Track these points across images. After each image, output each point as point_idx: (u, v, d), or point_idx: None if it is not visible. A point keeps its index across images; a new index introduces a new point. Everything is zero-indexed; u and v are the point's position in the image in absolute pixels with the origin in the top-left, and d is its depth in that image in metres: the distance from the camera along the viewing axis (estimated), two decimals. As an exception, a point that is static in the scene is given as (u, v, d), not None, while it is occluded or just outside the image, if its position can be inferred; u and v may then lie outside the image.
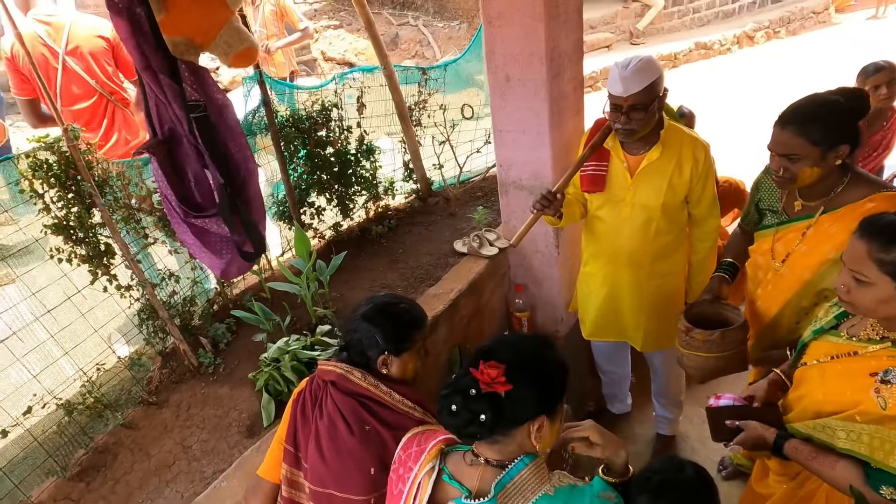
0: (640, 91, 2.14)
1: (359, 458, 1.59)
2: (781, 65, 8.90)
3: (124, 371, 2.42)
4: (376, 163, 3.46)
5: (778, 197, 2.15)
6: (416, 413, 1.63)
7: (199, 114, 1.83)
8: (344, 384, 1.64)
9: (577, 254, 2.90)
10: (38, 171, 2.06)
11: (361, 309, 1.70)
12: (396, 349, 1.65)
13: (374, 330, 1.64)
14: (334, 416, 1.62)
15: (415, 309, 1.72)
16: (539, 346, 1.32)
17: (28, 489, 2.03)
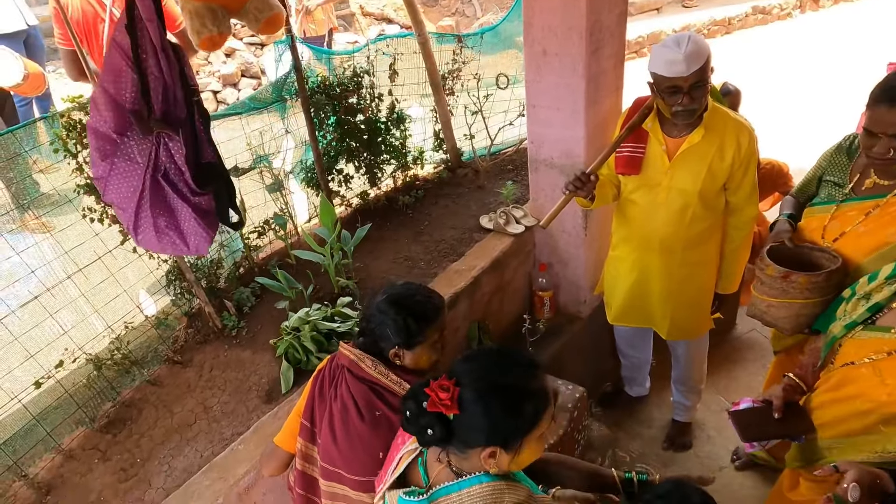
0: (700, 68, 2.06)
1: (368, 442, 1.61)
2: (849, 32, 8.30)
3: (151, 330, 2.49)
4: (406, 131, 3.42)
5: (847, 173, 2.03)
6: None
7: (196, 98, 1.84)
8: (356, 370, 1.65)
9: (606, 235, 2.85)
10: (72, 132, 2.08)
11: (377, 298, 1.68)
12: (408, 343, 1.63)
13: (386, 323, 1.62)
14: (347, 400, 1.64)
15: (430, 302, 1.67)
16: (516, 373, 1.23)
17: (59, 437, 2.13)
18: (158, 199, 2.05)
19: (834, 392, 1.75)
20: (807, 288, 1.94)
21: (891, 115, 1.73)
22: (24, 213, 2.20)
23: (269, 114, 3.09)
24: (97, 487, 2.01)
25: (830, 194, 2.08)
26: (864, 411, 1.64)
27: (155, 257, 2.46)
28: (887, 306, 1.66)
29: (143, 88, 1.89)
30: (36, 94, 3.58)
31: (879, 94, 1.76)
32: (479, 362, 1.26)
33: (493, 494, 1.22)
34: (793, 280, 1.95)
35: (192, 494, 1.94)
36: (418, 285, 1.72)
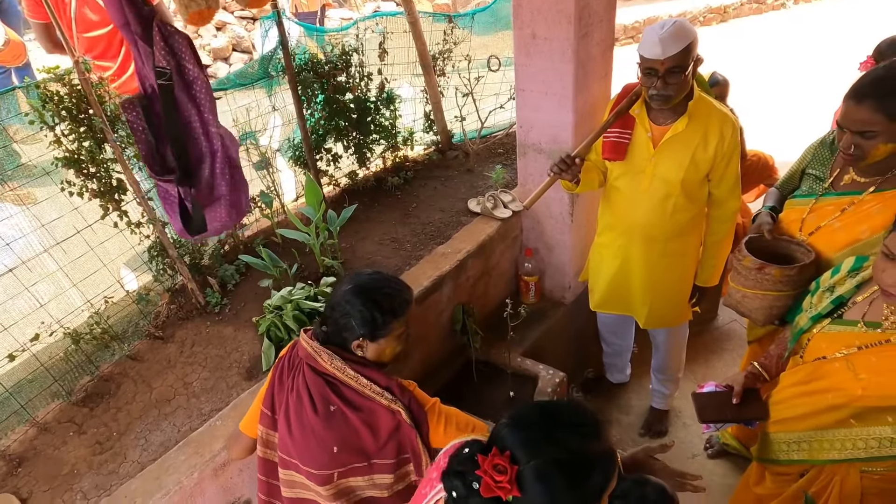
0: (677, 53, 2.04)
1: (321, 436, 1.60)
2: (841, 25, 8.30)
3: (132, 305, 2.47)
4: (396, 112, 3.39)
5: (828, 168, 2.05)
6: (384, 399, 1.60)
7: (165, 82, 1.79)
8: (313, 363, 1.62)
9: (592, 222, 2.85)
10: (49, 104, 2.05)
11: (343, 286, 1.63)
12: (372, 336, 1.60)
13: (351, 313, 1.58)
14: (302, 392, 1.62)
15: (398, 295, 1.63)
16: (579, 440, 1.04)
17: (34, 410, 2.12)
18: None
19: (804, 385, 1.76)
20: (780, 280, 1.97)
21: (856, 111, 1.74)
22: (4, 184, 2.17)
23: (256, 90, 3.05)
24: (71, 460, 2.01)
25: (811, 187, 2.08)
26: (837, 405, 1.65)
27: (136, 232, 2.43)
28: (851, 300, 1.68)
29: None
30: (16, 63, 3.52)
31: (849, 90, 1.78)
32: (533, 431, 1.06)
33: None
34: (767, 272, 1.98)
35: (168, 469, 1.94)
36: (388, 276, 1.67)
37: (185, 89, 1.90)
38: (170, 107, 1.88)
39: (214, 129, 1.98)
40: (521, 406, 1.13)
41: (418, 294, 2.58)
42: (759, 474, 2.05)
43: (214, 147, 2.00)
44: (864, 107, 1.72)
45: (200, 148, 1.99)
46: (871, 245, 1.84)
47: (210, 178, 2.03)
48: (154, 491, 1.86)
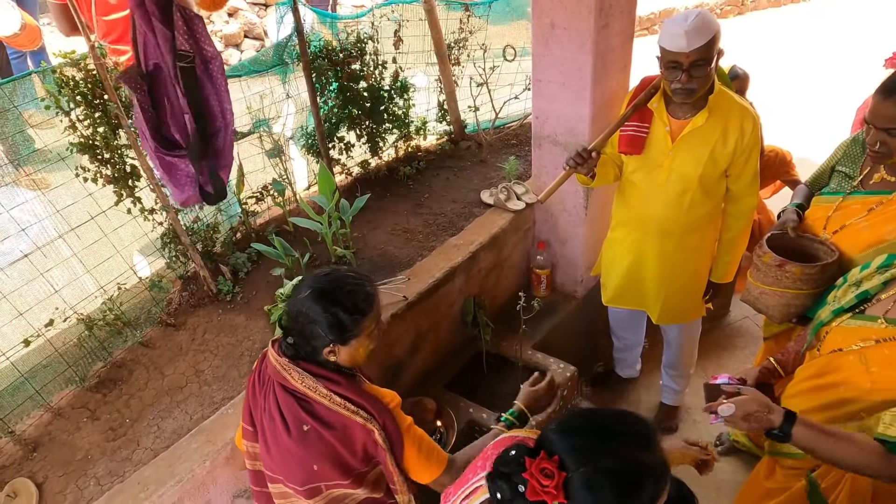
0: (702, 45, 2.00)
1: (299, 457, 1.54)
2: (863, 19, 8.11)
3: (144, 291, 2.47)
4: (410, 101, 3.36)
5: (859, 165, 2.02)
6: (358, 418, 1.51)
7: (187, 64, 1.79)
8: (283, 382, 1.54)
9: (606, 216, 2.82)
10: (64, 89, 2.04)
11: (301, 292, 1.51)
12: (343, 339, 1.50)
13: (315, 321, 1.48)
14: (274, 413, 1.55)
15: (360, 290, 1.52)
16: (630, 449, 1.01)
17: (48, 395, 2.13)
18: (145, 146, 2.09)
19: (816, 379, 1.75)
20: (799, 279, 1.95)
21: (883, 107, 1.74)
22: (19, 169, 2.17)
23: (269, 77, 3.03)
24: (84, 446, 2.02)
25: (840, 185, 2.06)
26: (848, 399, 1.64)
27: (149, 219, 2.43)
28: (876, 296, 1.66)
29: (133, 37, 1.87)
30: (32, 47, 3.50)
31: (879, 86, 1.76)
32: (583, 438, 1.03)
33: None
34: (787, 269, 1.96)
35: (180, 456, 1.95)
36: (344, 272, 1.57)
37: (204, 69, 1.93)
38: (193, 86, 1.89)
39: (228, 105, 2.01)
40: (571, 411, 1.11)
41: (430, 285, 2.57)
42: (769, 468, 2.04)
43: (227, 120, 2.04)
44: (891, 102, 1.71)
45: (216, 122, 2.02)
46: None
47: (222, 148, 2.08)
48: (167, 478, 1.87)
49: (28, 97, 2.13)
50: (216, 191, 2.12)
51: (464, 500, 1.25)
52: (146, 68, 1.91)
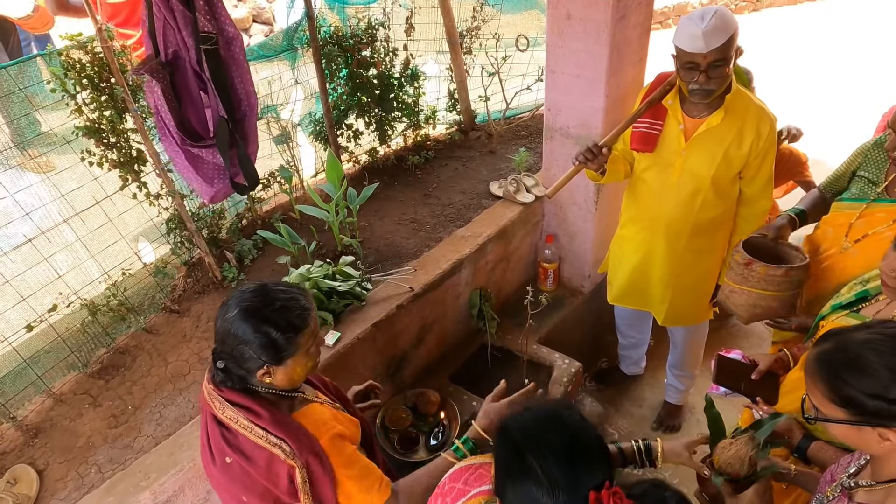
0: (721, 46, 1.95)
1: (226, 487, 1.48)
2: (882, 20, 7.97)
3: (149, 277, 2.45)
4: (420, 89, 3.32)
5: (883, 171, 1.97)
6: (280, 452, 1.40)
7: (211, 46, 1.73)
8: (210, 409, 1.45)
9: (616, 212, 2.79)
10: (71, 71, 2.01)
11: (228, 312, 1.38)
12: (277, 359, 1.38)
13: (246, 342, 1.35)
14: (203, 440, 1.49)
15: (293, 305, 1.40)
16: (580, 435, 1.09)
17: (50, 381, 2.12)
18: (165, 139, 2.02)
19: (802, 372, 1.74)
20: (764, 279, 1.97)
21: None
22: (24, 152, 2.14)
23: (278, 62, 2.99)
24: (86, 432, 2.02)
25: (863, 191, 2.01)
26: None
27: (155, 204, 2.41)
28: (875, 297, 1.65)
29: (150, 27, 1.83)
30: (45, 29, 3.47)
31: None
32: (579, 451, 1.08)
33: None
34: (753, 268, 1.99)
35: (182, 444, 1.94)
36: (272, 286, 1.43)
37: (227, 50, 1.88)
38: (219, 69, 1.84)
39: (252, 87, 1.97)
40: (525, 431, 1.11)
41: (437, 277, 2.55)
42: None
43: (252, 103, 2.00)
44: None
45: (242, 106, 1.98)
46: None
47: (250, 132, 2.05)
48: (168, 467, 1.86)
49: (34, 80, 2.09)
50: (248, 178, 2.07)
51: None
52: (165, 57, 1.87)
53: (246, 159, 2.02)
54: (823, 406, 1.18)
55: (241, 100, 1.95)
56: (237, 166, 2.01)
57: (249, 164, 2.06)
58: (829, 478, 1.37)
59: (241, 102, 1.95)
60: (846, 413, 1.14)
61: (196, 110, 1.93)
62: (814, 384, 1.19)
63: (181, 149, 1.96)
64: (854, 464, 1.31)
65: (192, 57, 1.80)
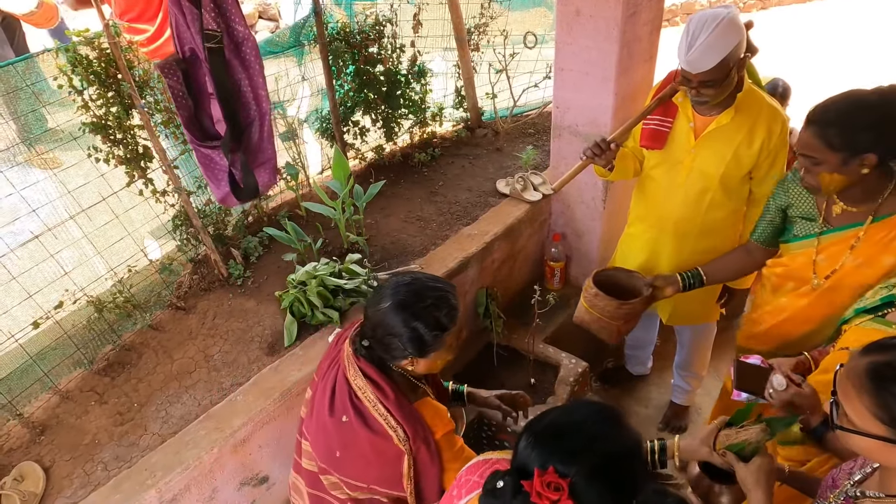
0: (710, 69, 1.93)
1: (329, 436, 1.55)
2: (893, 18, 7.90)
3: (155, 274, 2.45)
4: (427, 86, 3.30)
5: (813, 202, 1.91)
6: (396, 437, 1.48)
7: (214, 45, 1.70)
8: (344, 369, 1.56)
9: (625, 210, 2.77)
10: (78, 67, 2.00)
11: (382, 302, 1.46)
12: (422, 352, 1.47)
13: (397, 334, 1.44)
14: (328, 388, 1.56)
15: (444, 304, 1.46)
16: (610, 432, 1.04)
17: (56, 378, 2.12)
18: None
19: (823, 374, 1.73)
20: (597, 304, 2.24)
21: (804, 133, 1.73)
22: (31, 148, 2.13)
23: (285, 59, 2.97)
24: (92, 430, 2.01)
25: (805, 229, 1.94)
26: None
27: (161, 201, 2.40)
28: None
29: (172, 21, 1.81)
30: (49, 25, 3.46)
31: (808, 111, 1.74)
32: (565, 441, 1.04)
33: None
34: (588, 290, 2.28)
35: (188, 443, 1.94)
36: (427, 281, 1.50)
37: (235, 51, 1.83)
38: (220, 70, 1.81)
39: (264, 91, 1.92)
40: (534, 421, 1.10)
41: (444, 275, 2.53)
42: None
43: (263, 110, 1.95)
44: (808, 131, 1.71)
45: (250, 112, 1.94)
46: None
47: (258, 141, 1.99)
48: (174, 465, 1.86)
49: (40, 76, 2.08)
50: (246, 187, 2.03)
51: None
52: (182, 54, 1.84)
53: (246, 168, 1.98)
54: (862, 419, 1.11)
55: (247, 105, 1.90)
56: (240, 172, 1.99)
57: (249, 174, 2.01)
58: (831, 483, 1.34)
59: (248, 108, 1.90)
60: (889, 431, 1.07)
61: (215, 109, 1.90)
62: (857, 396, 1.11)
63: (193, 147, 1.95)
64: (859, 471, 1.29)
65: (203, 56, 1.78)
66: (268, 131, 2.02)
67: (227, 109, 1.86)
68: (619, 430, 1.05)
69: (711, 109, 2.15)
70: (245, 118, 1.94)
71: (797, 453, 1.84)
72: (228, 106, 1.87)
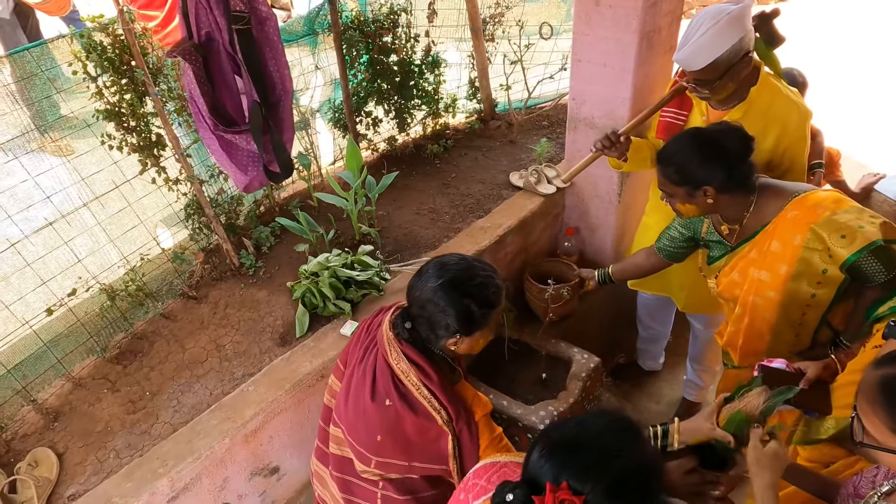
0: (702, 69, 1.92)
1: (370, 422, 1.55)
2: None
3: (167, 263, 2.44)
4: (440, 76, 3.27)
5: (711, 225, 2.07)
6: (440, 419, 1.50)
7: (243, 26, 1.69)
8: (384, 353, 1.56)
9: (640, 204, 2.74)
10: (92, 54, 1.98)
11: (428, 281, 1.47)
12: (469, 330, 1.49)
13: (446, 311, 1.45)
14: (367, 373, 1.57)
15: (491, 283, 1.49)
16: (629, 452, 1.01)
17: (69, 365, 2.12)
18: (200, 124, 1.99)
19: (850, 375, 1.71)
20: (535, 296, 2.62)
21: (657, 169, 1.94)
22: (45, 134, 2.12)
23: (298, 48, 2.95)
24: (105, 417, 2.01)
25: (719, 250, 2.08)
26: None
27: (174, 189, 2.39)
28: None
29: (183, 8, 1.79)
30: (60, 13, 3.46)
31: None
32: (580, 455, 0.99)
33: None
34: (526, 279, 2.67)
35: (200, 432, 1.93)
36: (473, 261, 1.53)
37: (260, 30, 1.83)
38: (251, 50, 1.80)
39: (287, 70, 1.93)
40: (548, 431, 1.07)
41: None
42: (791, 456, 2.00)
43: (287, 88, 1.96)
44: (658, 168, 1.91)
45: (276, 90, 1.93)
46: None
47: (284, 119, 1.99)
48: (186, 454, 1.86)
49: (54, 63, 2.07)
50: (282, 166, 2.03)
51: None
52: (198, 38, 1.83)
53: (280, 146, 1.98)
54: (880, 434, 1.08)
55: (274, 83, 1.90)
56: (271, 153, 1.97)
57: (284, 151, 2.02)
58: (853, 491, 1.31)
59: (275, 86, 1.90)
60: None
61: (231, 95, 1.89)
62: (872, 411, 1.08)
63: (215, 135, 1.93)
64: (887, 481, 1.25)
65: (224, 38, 1.76)
66: (290, 109, 2.03)
67: (259, 89, 1.85)
68: (636, 445, 1.02)
69: (724, 104, 2.11)
70: (273, 97, 1.94)
71: (820, 454, 1.81)
72: (260, 85, 1.86)
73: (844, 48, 6.71)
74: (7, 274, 2.09)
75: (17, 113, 1.98)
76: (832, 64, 6.13)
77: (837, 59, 6.30)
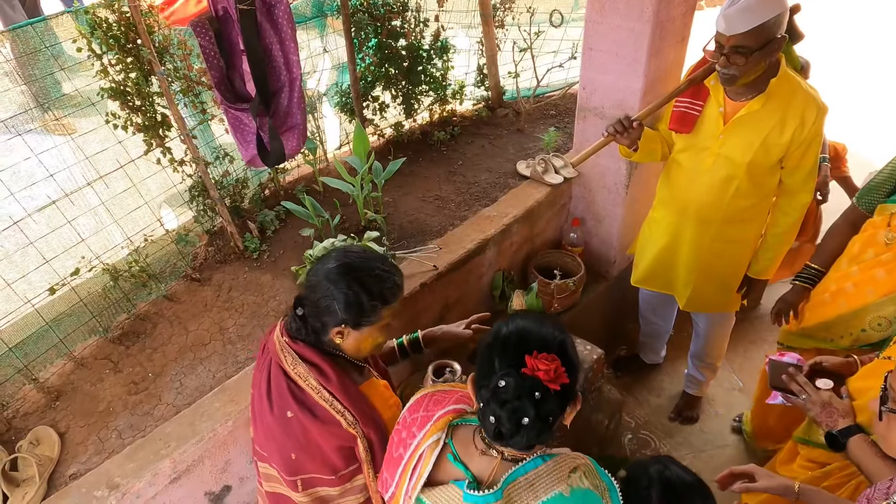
0: (745, 32, 1.85)
1: (279, 440, 1.47)
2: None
3: (171, 244, 2.43)
4: (449, 62, 3.23)
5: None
6: (345, 422, 1.43)
7: (247, 6, 1.66)
8: (279, 361, 1.47)
9: (647, 197, 2.72)
10: (97, 31, 1.95)
11: (327, 263, 1.42)
12: (356, 322, 1.41)
13: (334, 296, 1.38)
14: (262, 389, 1.48)
15: (389, 278, 1.43)
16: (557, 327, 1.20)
17: (71, 344, 2.11)
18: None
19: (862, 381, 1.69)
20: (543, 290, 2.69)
21: None
22: (48, 112, 2.10)
23: (306, 31, 2.91)
24: (107, 397, 2.01)
25: None
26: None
27: (179, 171, 2.37)
28: None
29: None
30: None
31: None
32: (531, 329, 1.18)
33: (557, 469, 1.19)
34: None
35: (203, 414, 1.93)
36: (379, 255, 1.49)
37: (267, 14, 1.79)
38: (251, 32, 1.77)
39: (295, 56, 1.88)
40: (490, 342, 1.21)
41: (461, 256, 2.50)
42: (790, 454, 2.01)
43: (294, 75, 1.91)
44: None
45: (280, 76, 1.90)
46: None
47: (287, 106, 1.96)
48: (189, 436, 1.85)
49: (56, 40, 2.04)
50: (273, 152, 2.00)
51: (413, 476, 1.25)
52: (216, 12, 1.80)
53: (273, 133, 1.95)
54: None
55: (278, 69, 1.86)
56: (267, 136, 1.95)
57: (276, 139, 1.98)
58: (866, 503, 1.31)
59: (278, 72, 1.86)
60: None
61: (241, 73, 1.86)
62: None
63: (224, 108, 1.91)
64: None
65: (235, 17, 1.73)
66: (298, 97, 1.98)
67: (256, 72, 1.83)
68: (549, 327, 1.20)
69: (743, 94, 2.08)
70: (275, 83, 1.91)
71: (819, 454, 1.80)
72: (258, 69, 1.83)
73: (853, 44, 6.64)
74: (10, 252, 2.08)
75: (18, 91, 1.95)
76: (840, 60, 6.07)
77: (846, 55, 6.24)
